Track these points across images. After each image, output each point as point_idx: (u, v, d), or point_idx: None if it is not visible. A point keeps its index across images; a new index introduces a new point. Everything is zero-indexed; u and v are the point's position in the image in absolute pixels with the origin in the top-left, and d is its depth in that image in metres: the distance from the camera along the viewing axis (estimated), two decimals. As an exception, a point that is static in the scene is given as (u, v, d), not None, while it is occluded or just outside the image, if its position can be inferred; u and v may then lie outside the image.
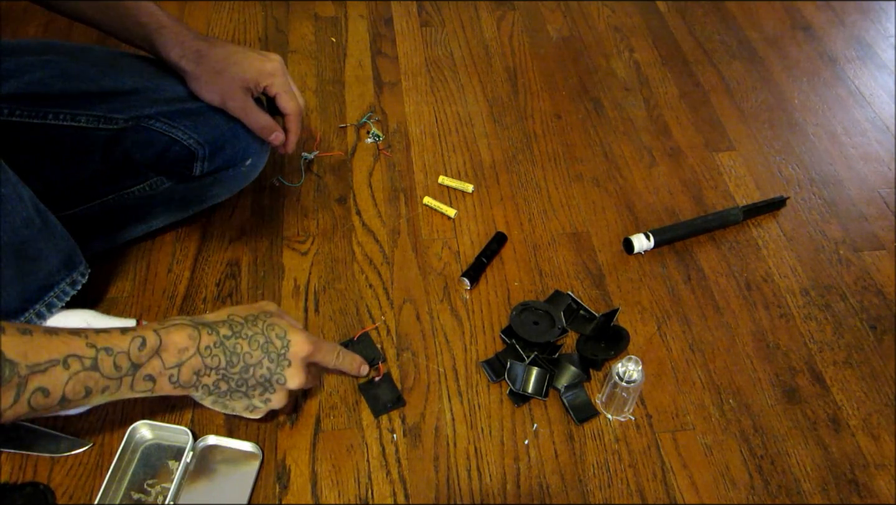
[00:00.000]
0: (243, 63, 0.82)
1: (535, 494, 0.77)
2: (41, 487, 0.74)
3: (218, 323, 0.67)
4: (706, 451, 0.82)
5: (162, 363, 0.63)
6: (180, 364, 0.64)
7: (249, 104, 0.83)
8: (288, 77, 0.85)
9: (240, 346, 0.67)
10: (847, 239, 1.05)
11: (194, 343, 0.64)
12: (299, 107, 0.86)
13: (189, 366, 0.64)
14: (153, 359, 0.62)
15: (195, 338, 0.64)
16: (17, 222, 0.71)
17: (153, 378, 0.63)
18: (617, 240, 1.02)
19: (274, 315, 0.71)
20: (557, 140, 1.16)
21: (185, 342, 0.64)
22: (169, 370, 0.63)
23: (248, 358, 0.67)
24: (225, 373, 0.66)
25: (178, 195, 0.93)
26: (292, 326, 0.71)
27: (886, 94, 1.28)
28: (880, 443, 0.83)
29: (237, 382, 0.68)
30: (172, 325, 0.64)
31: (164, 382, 0.63)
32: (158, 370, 0.63)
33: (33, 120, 0.79)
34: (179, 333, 0.63)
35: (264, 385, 0.69)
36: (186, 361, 0.64)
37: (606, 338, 0.89)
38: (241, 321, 0.68)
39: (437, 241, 1.00)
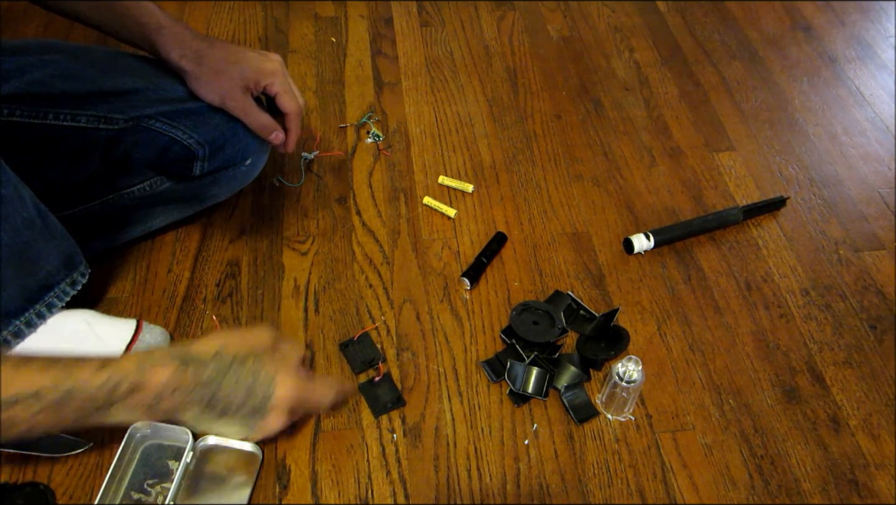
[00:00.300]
0: (243, 63, 0.82)
1: (535, 494, 0.77)
2: (41, 487, 0.74)
3: (205, 360, 0.65)
4: (706, 451, 0.82)
5: (140, 400, 0.61)
6: (159, 399, 0.62)
7: (249, 104, 0.83)
8: (288, 77, 0.85)
9: (223, 388, 0.65)
10: (847, 239, 1.05)
11: (176, 381, 0.62)
12: (299, 106, 0.86)
13: (169, 402, 0.63)
14: (130, 396, 0.61)
15: (178, 377, 0.63)
16: (18, 223, 0.71)
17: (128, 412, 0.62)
18: (617, 240, 1.02)
19: (265, 355, 0.68)
20: (557, 140, 1.16)
21: (167, 381, 0.62)
22: (146, 406, 0.62)
23: (231, 398, 0.65)
24: (206, 410, 0.65)
25: (178, 195, 0.93)
26: (282, 370, 0.68)
27: (886, 94, 1.28)
28: (880, 443, 0.83)
29: (217, 416, 0.66)
30: (156, 363, 0.62)
31: (140, 414, 0.62)
32: (134, 405, 0.61)
33: (34, 120, 0.79)
34: (162, 372, 0.62)
35: (242, 423, 0.68)
36: (167, 398, 0.62)
37: (606, 338, 0.89)
38: (230, 360, 0.66)
39: (437, 241, 1.00)
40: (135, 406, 0.61)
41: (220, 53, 0.82)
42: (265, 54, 0.84)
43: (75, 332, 0.78)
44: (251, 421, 0.68)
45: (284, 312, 0.91)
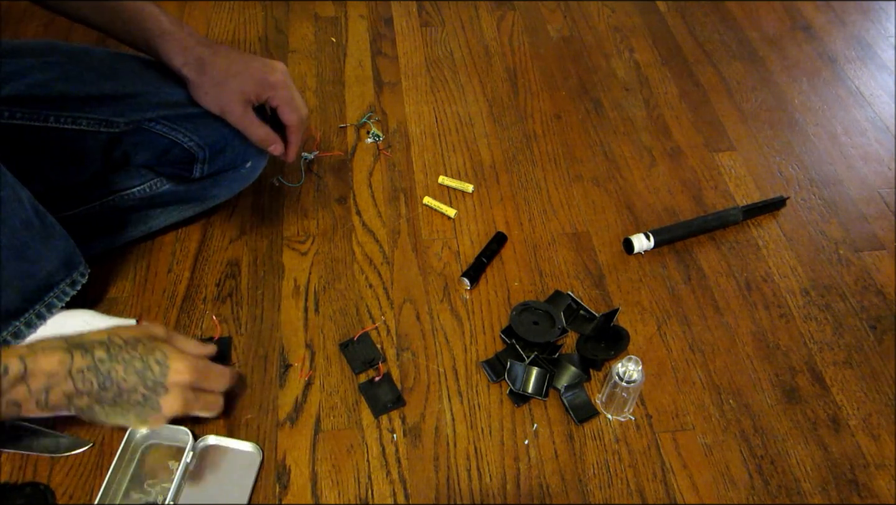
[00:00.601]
0: (245, 74, 0.81)
1: (535, 494, 0.77)
2: (41, 487, 0.74)
3: (95, 344, 0.64)
4: (706, 451, 0.82)
5: (28, 389, 0.61)
6: (48, 389, 0.62)
7: (249, 116, 0.82)
8: (291, 87, 0.84)
9: (115, 370, 0.64)
10: (847, 239, 1.05)
11: (65, 367, 0.62)
12: (300, 119, 0.85)
13: (59, 390, 0.62)
14: (18, 386, 0.60)
15: (66, 363, 0.62)
16: (17, 224, 0.71)
17: (18, 403, 0.61)
18: (617, 240, 1.02)
19: (158, 339, 0.68)
20: (557, 140, 1.16)
21: (55, 367, 0.61)
22: (36, 395, 0.61)
23: (122, 383, 0.65)
24: (98, 396, 0.64)
25: (178, 197, 0.93)
26: (174, 353, 0.68)
27: (886, 94, 1.28)
28: (880, 443, 0.83)
29: (110, 404, 0.65)
30: (42, 348, 0.62)
31: (31, 406, 0.62)
32: (24, 396, 0.61)
33: (34, 122, 0.79)
34: (49, 358, 0.61)
35: (138, 410, 0.67)
36: (56, 386, 0.62)
37: (606, 338, 0.89)
38: (121, 343, 0.66)
39: (437, 241, 1.00)
40: (25, 397, 0.61)
41: (222, 63, 0.81)
42: (268, 64, 0.83)
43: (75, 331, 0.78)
44: (146, 406, 0.67)
45: (284, 312, 0.91)
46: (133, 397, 0.66)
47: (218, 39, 1.28)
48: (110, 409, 0.66)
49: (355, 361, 0.86)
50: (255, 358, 0.86)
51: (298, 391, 0.84)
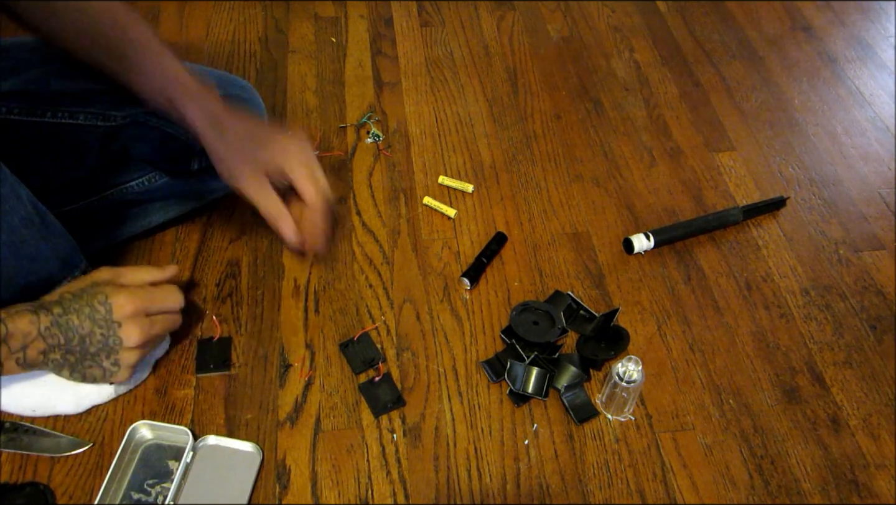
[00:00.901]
0: (264, 141, 0.76)
1: (535, 494, 0.77)
2: (41, 487, 0.74)
3: (52, 303, 0.70)
4: (706, 451, 0.82)
5: (8, 348, 0.67)
6: (25, 347, 0.68)
7: (264, 187, 0.75)
8: (313, 162, 0.77)
9: (70, 320, 0.70)
10: (847, 239, 1.05)
11: (35, 327, 0.68)
12: (322, 197, 0.76)
13: (34, 348, 0.68)
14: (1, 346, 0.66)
15: (35, 322, 0.68)
16: (16, 221, 0.71)
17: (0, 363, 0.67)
18: (617, 240, 1.02)
19: (100, 283, 0.73)
20: (557, 140, 1.16)
21: (28, 327, 0.68)
22: (15, 354, 0.67)
23: (80, 330, 0.70)
24: (68, 348, 0.70)
25: (177, 190, 0.93)
26: (115, 288, 0.73)
27: (886, 94, 1.28)
28: (880, 443, 0.83)
29: (81, 353, 0.71)
30: (16, 311, 0.68)
31: (12, 364, 0.68)
32: (5, 355, 0.67)
33: (31, 118, 0.79)
34: (22, 319, 0.67)
35: (106, 350, 0.73)
36: (31, 344, 0.68)
37: (606, 338, 0.89)
38: (70, 296, 0.71)
39: (437, 241, 1.00)
40: (6, 356, 0.67)
41: (241, 129, 0.76)
42: (290, 137, 0.77)
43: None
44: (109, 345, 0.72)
45: (284, 312, 0.91)
46: (94, 340, 0.72)
47: (218, 40, 1.28)
48: (82, 357, 0.72)
49: (355, 361, 0.86)
50: (255, 358, 0.86)
51: (298, 391, 0.84)
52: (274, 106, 1.17)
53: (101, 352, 0.72)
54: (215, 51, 1.27)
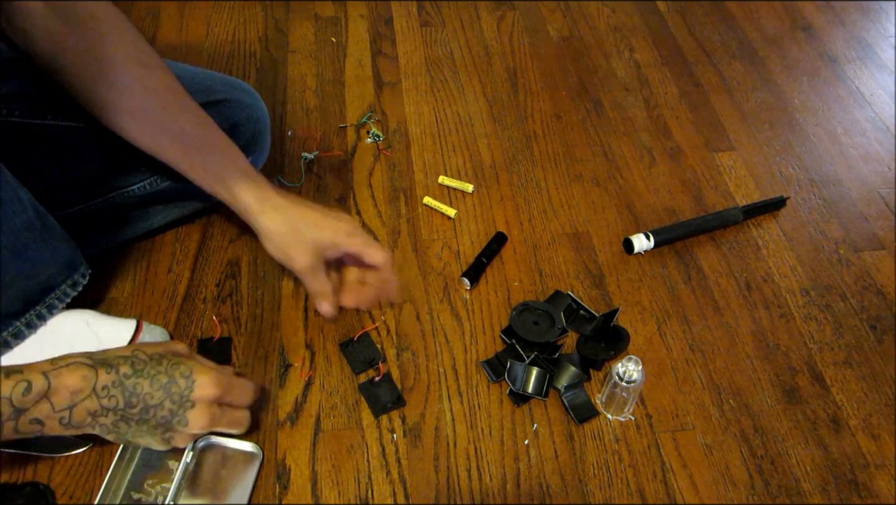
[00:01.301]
0: (320, 225, 0.77)
1: (535, 494, 0.77)
2: (41, 487, 0.74)
3: (119, 360, 0.64)
4: (706, 451, 0.82)
5: (51, 406, 0.60)
6: (73, 406, 0.61)
7: (317, 270, 0.77)
8: (367, 235, 0.80)
9: (140, 385, 0.64)
10: (847, 239, 1.05)
11: (89, 384, 0.61)
12: (386, 257, 0.79)
13: (83, 407, 0.62)
14: (41, 403, 0.59)
15: (90, 379, 0.61)
16: (18, 225, 0.71)
17: (41, 421, 0.60)
18: (617, 240, 1.02)
19: (182, 355, 0.68)
20: (557, 140, 1.16)
21: (79, 384, 0.61)
22: (59, 413, 0.61)
23: (148, 399, 0.65)
24: (124, 413, 0.64)
25: (179, 193, 0.93)
26: (201, 367, 0.68)
27: (886, 94, 1.28)
28: (880, 443, 0.83)
29: (137, 421, 0.65)
30: (66, 364, 0.61)
31: (55, 424, 0.61)
32: (47, 413, 0.60)
33: (32, 120, 0.79)
34: (72, 374, 0.61)
35: (165, 426, 0.67)
36: (80, 403, 0.61)
37: (606, 338, 0.89)
38: (146, 359, 0.65)
39: (437, 241, 1.00)
40: (48, 414, 0.60)
41: (296, 212, 0.77)
42: (340, 216, 0.80)
43: (75, 332, 0.78)
44: (173, 422, 0.67)
45: (284, 312, 0.91)
46: (160, 413, 0.66)
47: (218, 40, 1.29)
48: (136, 427, 0.65)
49: (355, 361, 0.86)
50: (255, 358, 0.86)
51: (298, 391, 0.84)
52: (274, 106, 1.17)
53: (160, 426, 0.66)
54: (215, 51, 1.27)
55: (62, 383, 0.60)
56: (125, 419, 0.64)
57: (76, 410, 0.61)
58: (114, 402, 0.63)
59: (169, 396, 0.66)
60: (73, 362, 0.62)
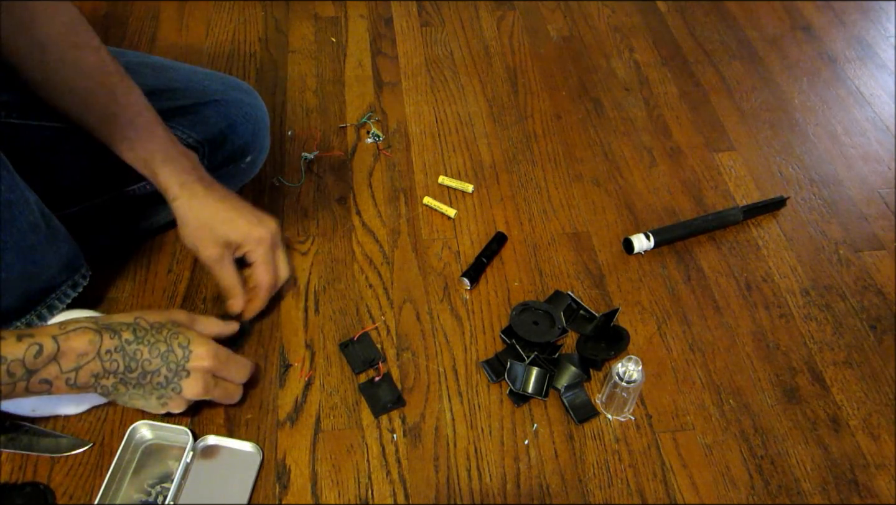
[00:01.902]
0: (233, 223, 0.80)
1: (535, 494, 0.77)
2: (41, 487, 0.74)
3: (122, 326, 0.68)
4: (706, 451, 0.82)
5: (59, 368, 0.64)
6: (78, 368, 0.65)
7: (225, 261, 0.81)
8: (277, 248, 0.83)
9: (140, 352, 0.68)
10: (847, 239, 1.05)
11: (94, 347, 0.65)
12: (273, 282, 0.84)
13: (87, 369, 0.65)
14: (50, 365, 0.63)
15: (96, 343, 0.65)
16: (24, 227, 0.71)
17: (49, 382, 0.64)
18: (617, 240, 1.02)
19: (182, 324, 0.72)
20: (557, 140, 1.16)
21: (85, 347, 0.65)
22: (66, 374, 0.64)
23: (146, 365, 0.68)
24: (123, 377, 0.68)
25: None
26: (199, 337, 0.71)
27: (886, 94, 1.28)
28: (880, 443, 0.83)
29: (135, 385, 0.69)
30: (73, 329, 0.65)
31: (61, 384, 0.65)
32: (55, 374, 0.64)
33: (30, 122, 0.79)
34: (80, 338, 0.65)
35: (161, 391, 0.71)
36: (85, 365, 0.65)
37: (606, 338, 0.89)
38: (147, 327, 0.69)
39: (437, 241, 1.00)
40: (56, 375, 0.64)
41: (213, 205, 0.80)
42: (260, 219, 0.82)
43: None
44: (168, 389, 0.71)
45: (284, 312, 0.91)
46: (156, 379, 0.69)
47: (218, 40, 1.29)
48: (134, 390, 0.69)
49: (355, 361, 0.86)
50: (255, 358, 0.86)
51: (298, 391, 0.84)
52: (274, 106, 1.17)
53: (156, 391, 0.70)
54: (215, 51, 1.27)
55: (70, 347, 0.64)
56: (124, 382, 0.68)
57: (81, 372, 0.65)
58: (115, 365, 0.67)
59: (166, 363, 0.69)
60: (81, 327, 0.65)
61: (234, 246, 0.81)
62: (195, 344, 0.71)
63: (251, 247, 0.82)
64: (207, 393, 0.73)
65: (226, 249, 0.81)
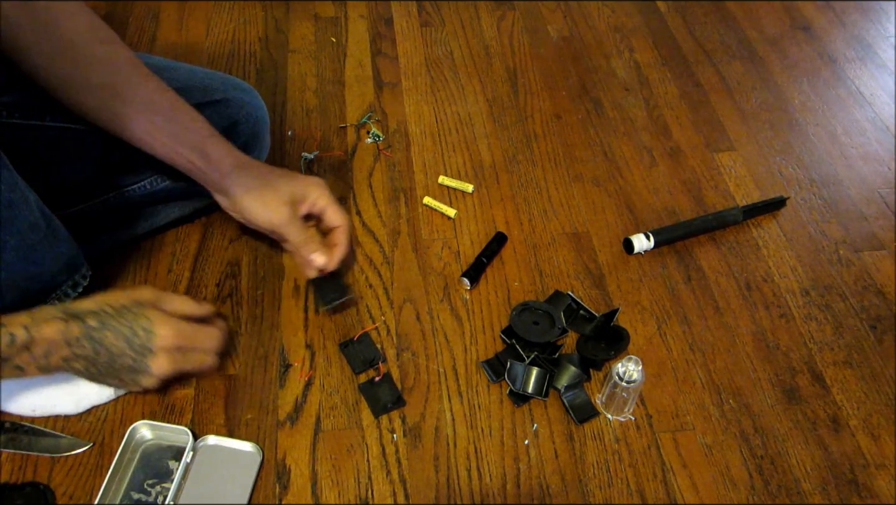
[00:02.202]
0: (292, 177, 0.84)
1: (535, 494, 0.77)
2: (41, 487, 0.74)
3: (88, 313, 0.69)
4: (706, 451, 0.82)
5: (31, 355, 0.66)
6: (48, 354, 0.66)
7: (296, 218, 0.83)
8: (332, 195, 0.86)
9: (105, 337, 0.69)
10: (847, 239, 1.05)
11: (62, 335, 0.67)
12: (347, 219, 0.86)
13: (58, 355, 0.67)
14: (22, 353, 0.65)
15: (63, 331, 0.67)
16: (24, 226, 0.71)
17: (21, 367, 0.66)
18: (617, 240, 1.02)
19: (145, 305, 0.72)
20: (557, 140, 1.16)
21: (55, 336, 0.66)
22: (37, 360, 0.66)
23: (112, 349, 0.70)
24: (92, 360, 0.69)
25: (179, 193, 0.93)
26: (161, 316, 0.72)
27: (886, 94, 1.28)
28: (880, 443, 0.83)
29: (105, 366, 0.70)
30: (44, 319, 0.66)
31: (33, 369, 0.67)
32: (27, 361, 0.66)
33: (31, 122, 0.79)
34: (50, 327, 0.66)
35: (130, 371, 0.72)
36: (55, 352, 0.67)
37: (606, 338, 0.89)
38: (111, 312, 0.70)
39: (437, 241, 1.00)
40: (27, 362, 0.66)
41: (267, 170, 0.83)
42: (308, 177, 0.86)
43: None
44: (137, 369, 0.72)
45: (284, 312, 0.91)
46: (123, 361, 0.71)
47: (218, 40, 1.29)
48: (105, 370, 0.70)
49: (355, 361, 0.86)
50: (255, 358, 0.86)
51: (298, 391, 0.84)
52: (274, 106, 1.17)
53: (125, 371, 0.72)
54: (215, 51, 1.27)
55: (41, 335, 0.65)
56: (94, 364, 0.70)
57: (52, 358, 0.67)
58: (83, 350, 0.68)
59: (131, 346, 0.70)
60: (50, 317, 0.66)
61: (299, 200, 0.83)
62: (157, 325, 0.71)
63: (315, 195, 0.83)
64: (177, 368, 0.74)
65: (293, 207, 0.82)
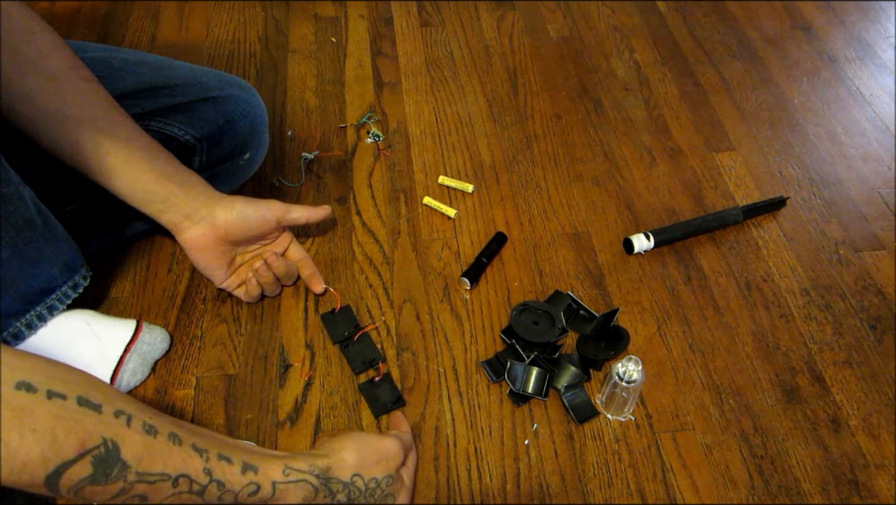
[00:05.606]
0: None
1: (535, 494, 0.77)
2: (41, 488, 0.74)
3: (339, 485, 0.65)
4: (706, 451, 0.82)
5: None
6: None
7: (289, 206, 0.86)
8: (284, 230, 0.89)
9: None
10: (847, 239, 1.05)
11: (307, 502, 0.63)
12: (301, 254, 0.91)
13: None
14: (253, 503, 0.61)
15: (309, 500, 0.63)
16: (19, 222, 0.70)
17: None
18: (617, 240, 1.02)
19: (395, 482, 0.70)
20: (557, 140, 1.16)
21: (297, 502, 0.62)
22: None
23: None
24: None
25: None
26: (403, 492, 0.71)
27: (886, 94, 1.28)
28: (880, 443, 0.83)
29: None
30: (295, 481, 0.62)
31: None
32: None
33: None
34: (297, 492, 0.62)
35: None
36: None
37: (606, 338, 0.89)
38: (362, 489, 0.67)
39: (437, 241, 1.00)
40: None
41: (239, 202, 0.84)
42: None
43: (75, 332, 0.78)
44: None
45: (284, 312, 0.91)
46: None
47: (218, 40, 1.29)
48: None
49: (355, 361, 0.86)
50: (255, 358, 0.86)
51: (298, 391, 0.84)
52: (274, 106, 1.17)
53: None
54: (215, 51, 1.27)
55: (284, 497, 0.61)
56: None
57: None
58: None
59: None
60: (303, 480, 0.62)
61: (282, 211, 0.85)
62: (402, 499, 0.71)
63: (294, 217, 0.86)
64: None
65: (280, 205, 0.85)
